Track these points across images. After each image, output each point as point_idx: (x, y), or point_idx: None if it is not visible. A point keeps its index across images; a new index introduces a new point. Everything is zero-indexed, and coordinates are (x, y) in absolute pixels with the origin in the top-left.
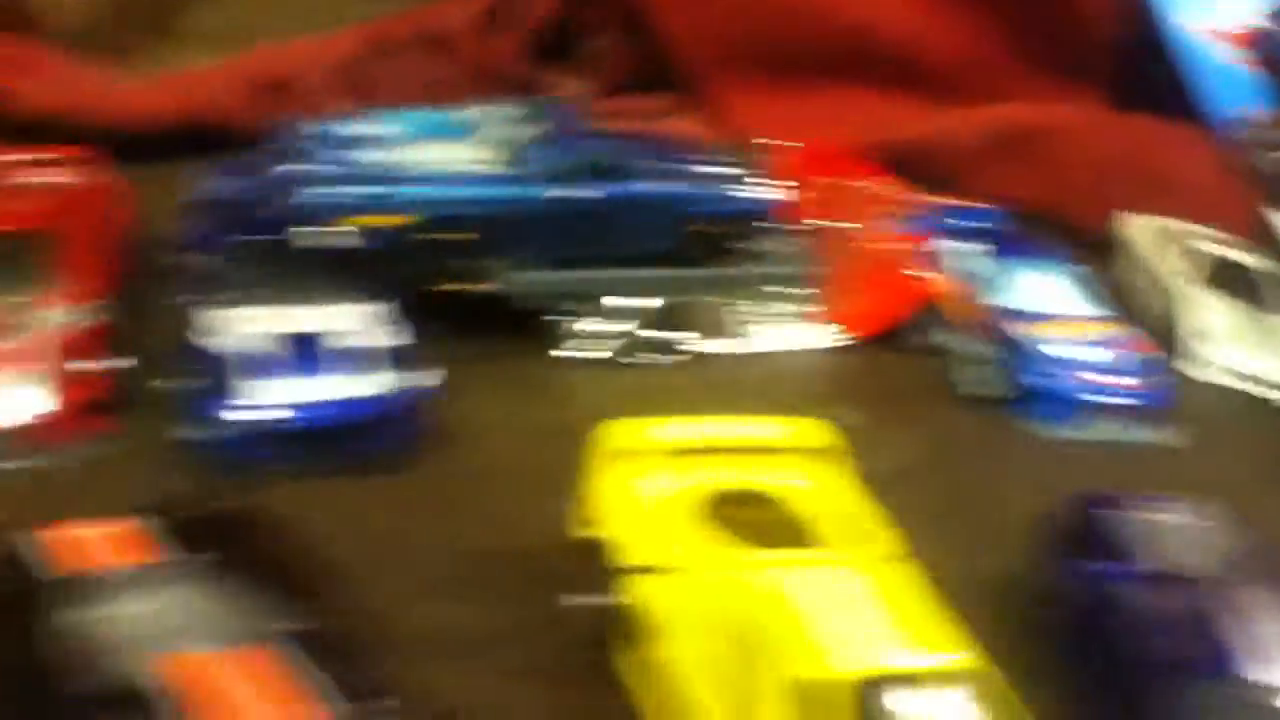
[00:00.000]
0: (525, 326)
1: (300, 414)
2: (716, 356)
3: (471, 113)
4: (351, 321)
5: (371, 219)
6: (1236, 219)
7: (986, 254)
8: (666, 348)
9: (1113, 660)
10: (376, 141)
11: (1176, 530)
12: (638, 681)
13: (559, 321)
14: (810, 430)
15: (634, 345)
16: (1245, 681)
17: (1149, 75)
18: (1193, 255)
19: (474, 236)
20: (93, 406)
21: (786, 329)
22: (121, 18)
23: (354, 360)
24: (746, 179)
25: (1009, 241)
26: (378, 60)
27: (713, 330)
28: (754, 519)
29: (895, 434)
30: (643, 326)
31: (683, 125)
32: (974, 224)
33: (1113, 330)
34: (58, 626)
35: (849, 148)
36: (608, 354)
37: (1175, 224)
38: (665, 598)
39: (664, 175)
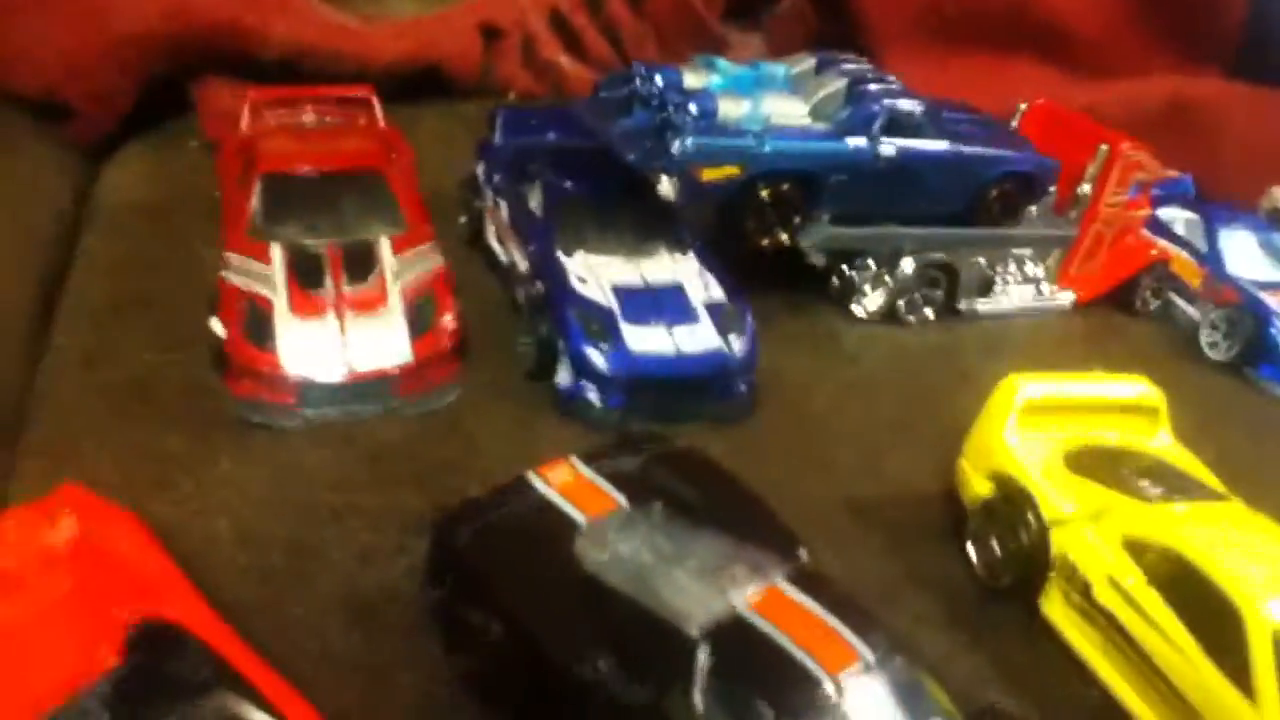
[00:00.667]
0: (819, 280)
1: (678, 363)
2: (976, 314)
3: (776, 67)
4: (694, 273)
5: (725, 170)
6: None
7: (1195, 220)
8: (938, 305)
9: None
10: (708, 95)
11: None
12: (1074, 631)
13: (850, 277)
14: (1148, 390)
15: (911, 303)
16: None
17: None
18: None
19: (794, 188)
20: (444, 356)
21: (1034, 290)
22: None
23: (708, 313)
24: (1021, 142)
25: (1210, 209)
26: (583, 12)
27: (976, 289)
28: (1121, 469)
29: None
30: (919, 285)
31: None
32: (1172, 191)
33: None
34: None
35: (1071, 112)
36: (889, 310)
37: None
38: (1099, 547)
39: (958, 137)
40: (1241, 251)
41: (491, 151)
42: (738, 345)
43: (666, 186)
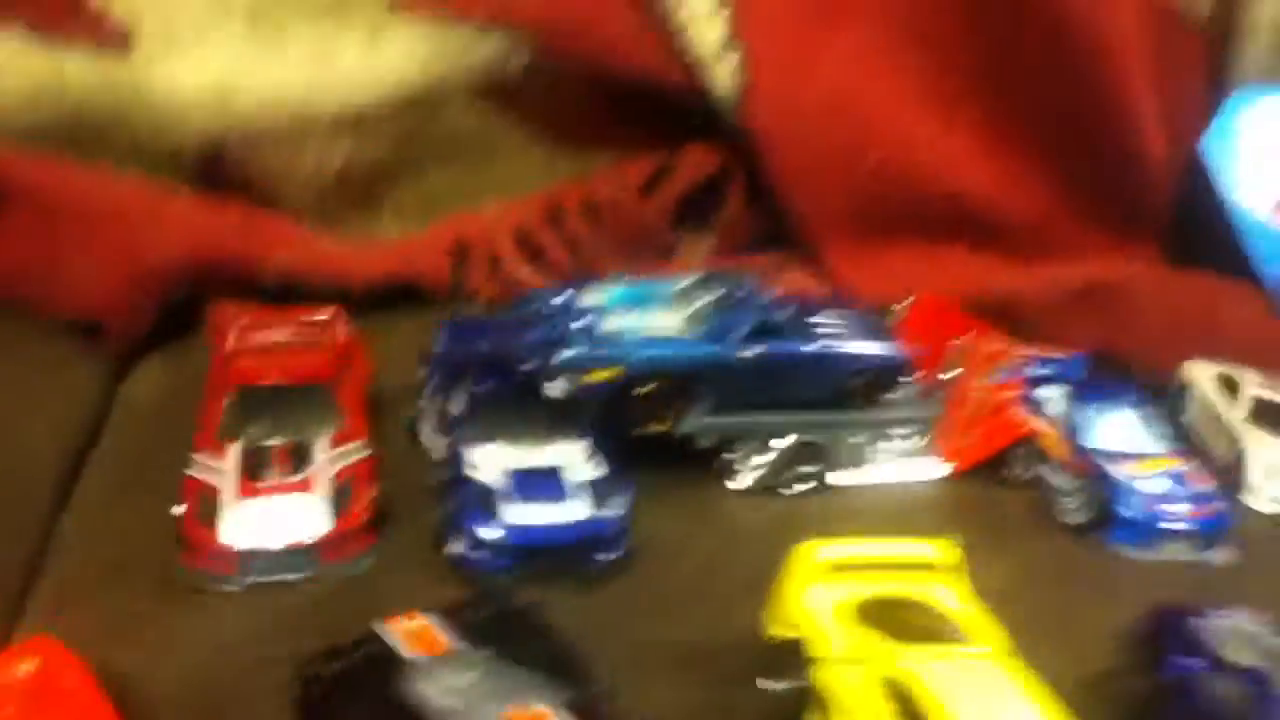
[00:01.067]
0: (701, 463)
1: (545, 533)
2: (847, 486)
3: (663, 285)
4: (575, 457)
5: (599, 373)
6: None
7: (1069, 397)
8: (809, 478)
9: None
10: (600, 311)
11: (1240, 632)
12: None
13: (728, 458)
14: (940, 549)
15: (785, 479)
16: None
17: (1203, 235)
18: (1249, 397)
19: (668, 386)
20: (363, 528)
21: (905, 463)
22: (339, 192)
23: (581, 490)
24: (885, 335)
25: (1087, 386)
26: (546, 227)
27: (847, 463)
28: (902, 621)
29: (995, 555)
30: (793, 461)
31: (798, 280)
32: (1056, 371)
33: (1179, 464)
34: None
35: (951, 303)
36: (764, 485)
37: (1233, 369)
38: (843, 682)
39: (822, 335)
40: (1111, 426)
41: (431, 359)
42: (611, 515)
43: (555, 389)
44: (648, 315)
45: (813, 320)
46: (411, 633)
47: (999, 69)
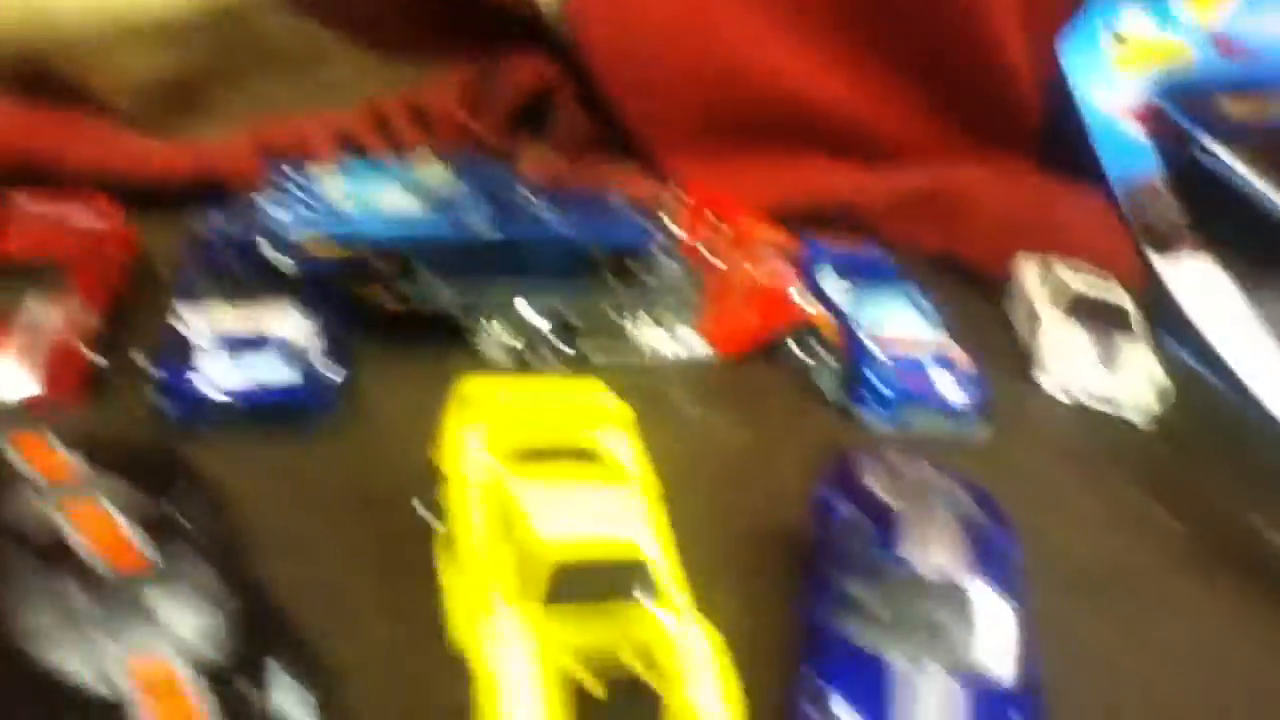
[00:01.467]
0: (457, 341)
1: (245, 391)
2: (605, 363)
3: (406, 166)
4: (293, 326)
5: (324, 248)
6: (1123, 265)
7: (848, 284)
8: (562, 353)
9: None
10: (338, 187)
11: (905, 473)
12: (447, 572)
13: (472, 328)
14: (608, 399)
15: (536, 352)
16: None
17: (1070, 143)
18: (1063, 288)
19: (401, 263)
20: (75, 389)
21: (669, 342)
22: (162, 100)
23: (292, 356)
24: (637, 218)
25: (866, 274)
26: (372, 133)
27: (604, 339)
28: (555, 462)
29: (742, 427)
30: (543, 335)
31: (639, 186)
32: (842, 261)
33: (943, 345)
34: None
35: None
36: (511, 356)
37: (1057, 261)
38: (458, 502)
39: (564, 216)
40: (886, 311)
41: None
42: (317, 380)
43: (280, 260)
44: (387, 194)
45: (557, 202)
46: (35, 451)
47: None
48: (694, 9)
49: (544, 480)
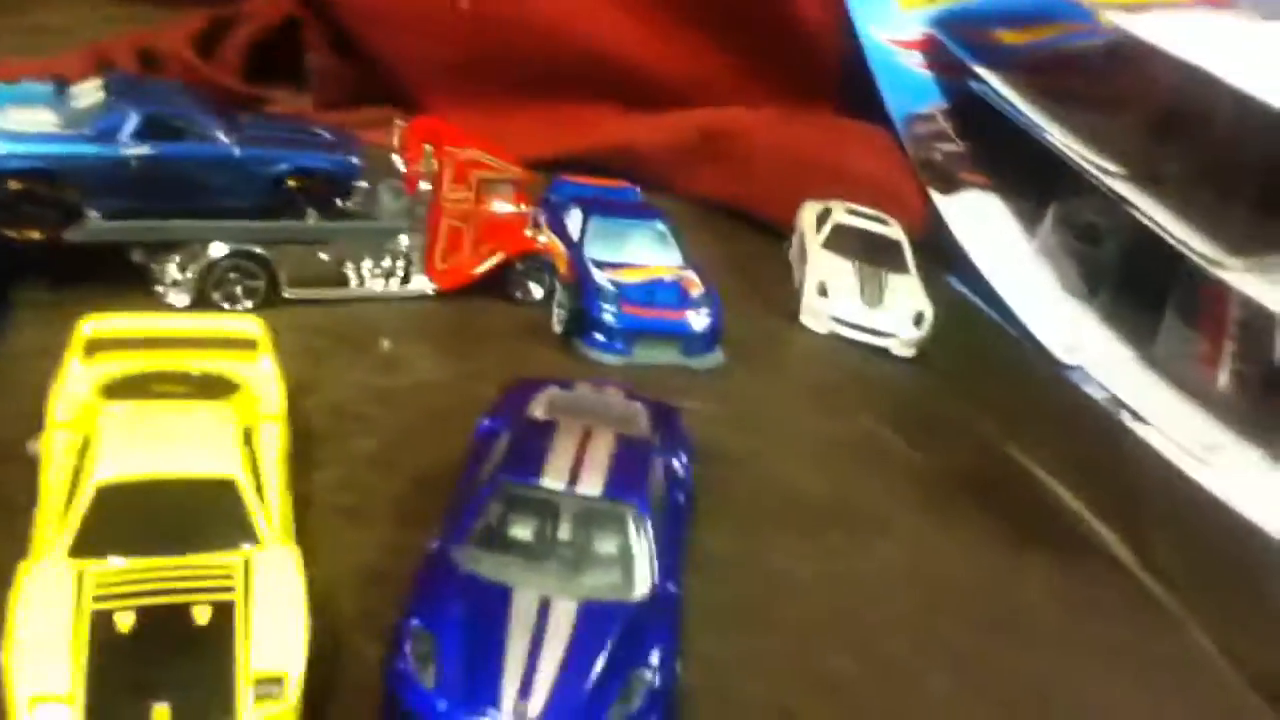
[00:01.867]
0: (126, 276)
1: None
2: (309, 303)
3: (44, 86)
4: None
5: None
6: (907, 203)
7: (586, 217)
8: (259, 295)
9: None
10: None
11: (575, 399)
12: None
13: (153, 268)
14: (243, 325)
15: (228, 293)
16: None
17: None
18: (836, 227)
19: (39, 187)
20: None
21: (384, 281)
22: None
23: None
24: (340, 145)
25: (608, 207)
26: (95, 76)
27: (301, 273)
28: (174, 390)
29: (451, 361)
30: (230, 275)
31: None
32: (581, 195)
33: (674, 273)
34: None
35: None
36: (190, 293)
37: (836, 204)
38: (50, 445)
39: (244, 140)
40: (622, 242)
41: None
42: None
43: None
44: (25, 113)
45: (233, 125)
46: None
47: None
48: None
49: (129, 415)
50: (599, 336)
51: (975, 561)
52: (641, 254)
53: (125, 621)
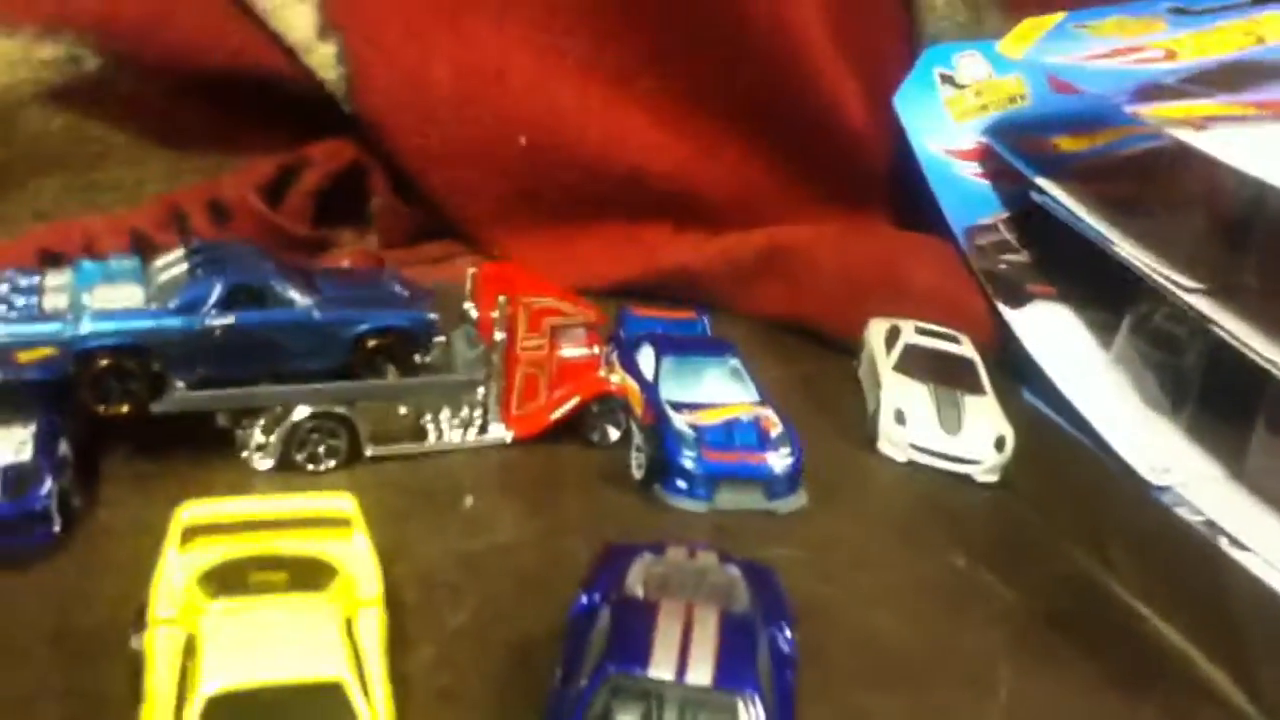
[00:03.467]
0: (211, 442)
1: None
2: (389, 459)
3: (131, 261)
4: (14, 442)
5: (40, 351)
6: (973, 316)
7: (659, 356)
8: (341, 454)
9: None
10: (61, 289)
11: (671, 571)
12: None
13: (237, 434)
14: (336, 503)
15: (312, 455)
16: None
17: (918, 196)
18: (907, 348)
19: (123, 361)
20: None
21: (462, 431)
22: None
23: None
24: (416, 300)
25: (676, 343)
26: (166, 230)
27: (383, 429)
28: (273, 579)
29: (531, 516)
30: (311, 435)
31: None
32: (651, 330)
33: (751, 411)
34: None
35: (516, 268)
36: (272, 461)
37: (904, 322)
38: (153, 644)
39: (317, 302)
40: (697, 380)
41: None
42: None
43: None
44: (112, 290)
45: (310, 285)
46: None
47: (676, 45)
48: (490, 70)
49: (233, 613)
50: (680, 484)
51: (1088, 714)
52: (717, 392)
53: None
